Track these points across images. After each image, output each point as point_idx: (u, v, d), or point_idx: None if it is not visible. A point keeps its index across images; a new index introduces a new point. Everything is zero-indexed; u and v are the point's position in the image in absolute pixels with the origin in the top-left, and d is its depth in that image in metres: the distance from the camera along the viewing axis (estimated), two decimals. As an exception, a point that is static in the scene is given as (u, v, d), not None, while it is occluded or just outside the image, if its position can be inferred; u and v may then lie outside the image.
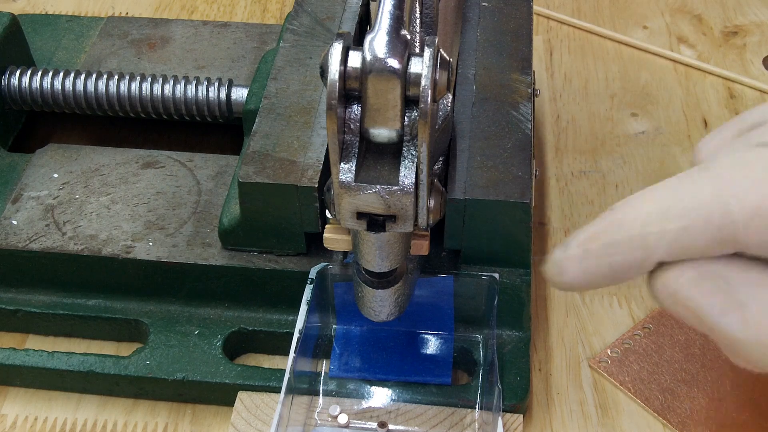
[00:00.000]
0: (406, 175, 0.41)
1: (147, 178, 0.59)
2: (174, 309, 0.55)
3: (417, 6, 0.46)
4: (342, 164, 0.41)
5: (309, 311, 0.51)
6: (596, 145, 0.68)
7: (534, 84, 0.59)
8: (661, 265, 0.38)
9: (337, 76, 0.39)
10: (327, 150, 0.51)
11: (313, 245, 0.54)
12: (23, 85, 0.63)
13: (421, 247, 0.46)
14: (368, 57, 0.39)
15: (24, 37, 0.65)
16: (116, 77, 0.62)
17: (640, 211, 0.38)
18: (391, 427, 0.50)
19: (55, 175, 0.59)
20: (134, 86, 0.62)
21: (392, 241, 0.44)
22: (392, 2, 0.41)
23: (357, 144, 0.41)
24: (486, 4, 0.62)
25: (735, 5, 0.81)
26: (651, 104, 0.72)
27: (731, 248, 0.37)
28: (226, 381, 0.52)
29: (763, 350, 0.37)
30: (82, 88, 0.62)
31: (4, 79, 0.62)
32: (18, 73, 0.63)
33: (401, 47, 0.39)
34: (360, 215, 0.42)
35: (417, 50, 0.41)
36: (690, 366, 0.54)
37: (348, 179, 0.41)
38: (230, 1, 0.83)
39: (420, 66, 0.39)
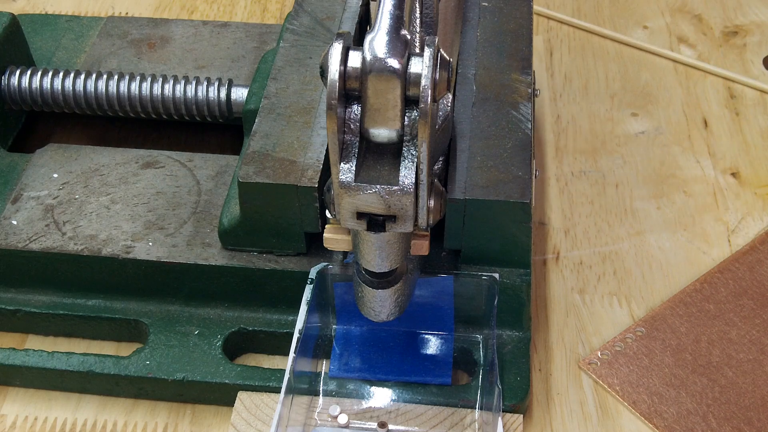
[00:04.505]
0: (406, 175, 0.41)
1: (147, 178, 0.59)
2: (174, 309, 0.55)
3: (417, 6, 0.46)
4: (342, 164, 0.41)
5: (309, 311, 0.51)
6: (596, 145, 0.68)
7: (534, 84, 0.59)
8: None
9: (337, 76, 0.39)
10: (327, 150, 0.51)
11: (313, 245, 0.54)
12: (23, 85, 0.62)
13: (421, 247, 0.46)
14: (368, 57, 0.39)
15: (24, 37, 0.65)
16: (116, 77, 0.62)
17: None
18: (391, 427, 0.50)
19: (55, 175, 0.59)
20: (134, 86, 0.62)
21: (392, 241, 0.44)
22: (392, 2, 0.41)
23: (357, 144, 0.41)
24: (486, 4, 0.62)
25: (735, 5, 0.81)
26: (651, 104, 0.72)
27: None
28: (226, 381, 0.52)
29: None
30: (82, 88, 0.62)
31: (4, 79, 0.62)
32: (18, 73, 0.63)
33: (401, 47, 0.39)
34: (360, 215, 0.42)
35: (417, 50, 0.41)
36: (680, 371, 0.54)
37: (348, 179, 0.41)
38: (230, 1, 0.83)
39: (420, 66, 0.39)
